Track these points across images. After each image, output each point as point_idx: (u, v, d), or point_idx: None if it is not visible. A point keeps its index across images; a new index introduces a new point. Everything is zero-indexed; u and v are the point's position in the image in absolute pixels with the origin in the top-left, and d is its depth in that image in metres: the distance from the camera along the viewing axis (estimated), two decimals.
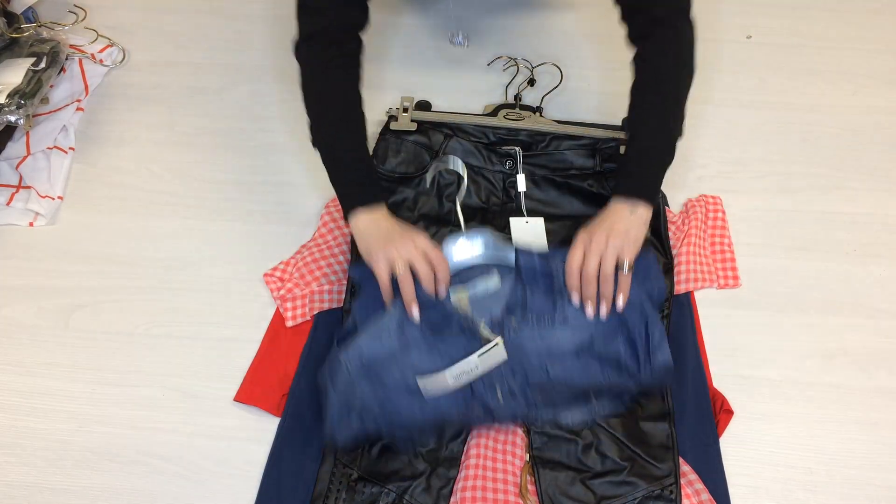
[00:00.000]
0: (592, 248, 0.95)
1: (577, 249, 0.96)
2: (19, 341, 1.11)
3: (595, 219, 0.99)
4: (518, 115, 1.24)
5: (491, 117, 1.25)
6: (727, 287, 1.15)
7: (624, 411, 0.99)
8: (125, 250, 1.20)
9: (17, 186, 1.25)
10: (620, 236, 0.95)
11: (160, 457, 1.02)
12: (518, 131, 1.22)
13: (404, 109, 1.24)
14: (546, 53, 1.41)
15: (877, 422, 1.04)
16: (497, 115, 1.25)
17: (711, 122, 1.34)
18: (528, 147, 1.21)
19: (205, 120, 1.35)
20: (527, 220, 1.17)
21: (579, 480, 0.96)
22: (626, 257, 0.94)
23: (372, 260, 0.96)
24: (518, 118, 1.23)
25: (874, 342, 1.11)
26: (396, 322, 0.96)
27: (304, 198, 1.24)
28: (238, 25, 1.48)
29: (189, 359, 1.09)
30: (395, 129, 1.23)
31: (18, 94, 1.23)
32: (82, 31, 1.43)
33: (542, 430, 1.00)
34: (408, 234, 0.97)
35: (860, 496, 0.99)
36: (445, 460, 0.98)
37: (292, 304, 1.10)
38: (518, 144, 1.21)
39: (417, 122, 1.23)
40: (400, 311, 0.96)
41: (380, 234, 0.96)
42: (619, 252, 0.94)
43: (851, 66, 1.41)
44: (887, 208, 1.24)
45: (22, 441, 1.03)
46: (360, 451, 0.99)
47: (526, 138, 1.22)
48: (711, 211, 1.20)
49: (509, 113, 1.24)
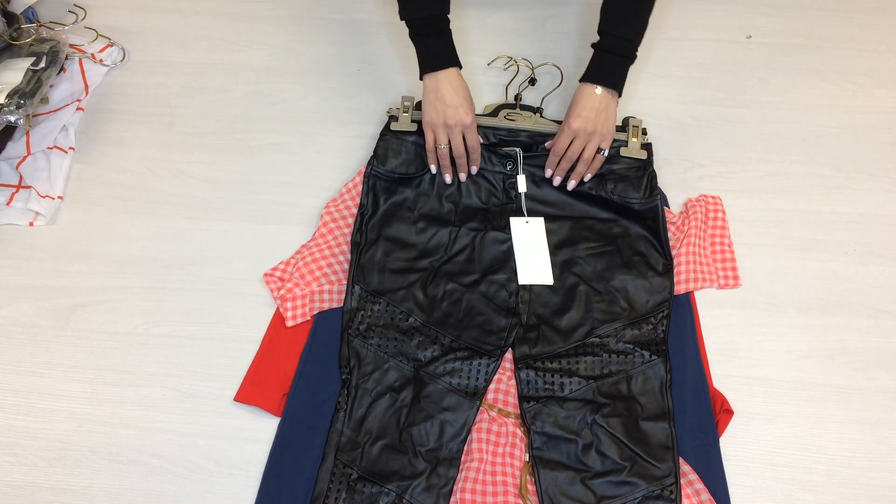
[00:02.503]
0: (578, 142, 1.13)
1: (564, 138, 1.14)
2: (19, 341, 1.11)
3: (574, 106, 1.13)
4: (518, 115, 1.24)
5: (491, 117, 1.25)
6: (727, 287, 1.15)
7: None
8: (125, 250, 1.20)
9: (17, 186, 1.25)
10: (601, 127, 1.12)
11: (160, 457, 1.02)
12: (518, 132, 1.22)
13: (405, 110, 1.24)
14: (546, 54, 1.41)
15: (877, 422, 1.04)
16: (497, 116, 1.25)
17: (711, 122, 1.34)
18: (529, 148, 1.21)
19: (205, 120, 1.35)
20: (527, 220, 1.17)
21: (579, 480, 0.96)
22: (605, 146, 1.16)
23: (424, 125, 1.16)
24: (518, 119, 1.24)
25: (874, 342, 1.11)
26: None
27: (304, 198, 1.24)
28: (238, 25, 1.48)
29: (189, 359, 1.09)
30: (396, 129, 1.22)
31: (18, 94, 1.23)
32: (82, 30, 1.43)
33: (542, 431, 1.00)
34: (459, 113, 1.12)
35: (860, 496, 0.99)
36: (445, 460, 0.98)
37: (292, 303, 1.10)
38: (518, 145, 1.21)
39: (418, 123, 1.23)
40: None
41: (437, 101, 1.13)
42: (600, 142, 1.14)
43: (851, 66, 1.41)
44: (887, 208, 1.24)
45: (22, 441, 1.03)
46: (360, 450, 0.99)
47: (526, 139, 1.22)
48: (711, 211, 1.20)
49: (510, 113, 1.24)
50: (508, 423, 1.02)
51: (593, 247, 1.15)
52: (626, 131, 1.22)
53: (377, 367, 1.05)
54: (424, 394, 1.03)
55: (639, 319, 1.09)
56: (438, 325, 1.09)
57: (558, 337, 1.08)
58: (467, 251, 1.15)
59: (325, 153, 1.30)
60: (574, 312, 1.10)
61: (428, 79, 1.14)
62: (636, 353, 1.06)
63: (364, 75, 1.40)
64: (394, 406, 1.03)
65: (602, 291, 1.11)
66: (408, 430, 1.01)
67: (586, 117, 1.11)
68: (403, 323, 1.09)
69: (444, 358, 1.06)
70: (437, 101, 1.13)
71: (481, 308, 1.10)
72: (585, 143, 1.14)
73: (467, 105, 1.13)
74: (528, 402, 1.03)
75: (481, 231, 1.16)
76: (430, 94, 1.14)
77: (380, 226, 1.16)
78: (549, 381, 1.04)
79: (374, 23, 1.47)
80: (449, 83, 1.12)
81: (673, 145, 1.30)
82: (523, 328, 1.09)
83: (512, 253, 1.14)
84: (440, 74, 1.12)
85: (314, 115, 1.35)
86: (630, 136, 1.21)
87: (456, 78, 1.13)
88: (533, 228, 1.16)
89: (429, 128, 1.15)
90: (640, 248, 1.15)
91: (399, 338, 1.07)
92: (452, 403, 1.02)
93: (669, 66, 1.41)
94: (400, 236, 1.15)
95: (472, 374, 1.05)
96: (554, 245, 1.15)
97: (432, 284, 1.12)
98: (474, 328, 1.08)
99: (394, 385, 1.04)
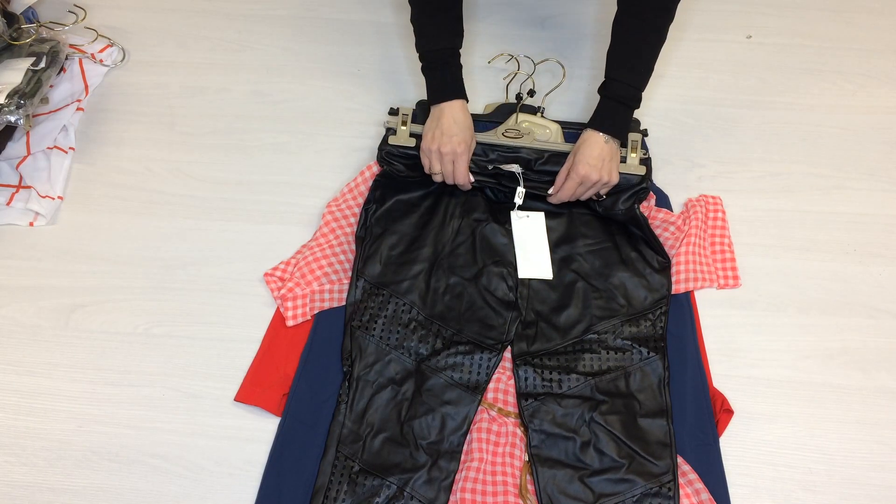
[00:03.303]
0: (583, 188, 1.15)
1: (571, 185, 1.14)
2: (19, 341, 1.11)
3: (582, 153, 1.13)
4: (517, 132, 1.22)
5: (491, 136, 1.21)
6: (727, 287, 1.15)
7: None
8: (125, 250, 1.20)
9: (17, 186, 1.25)
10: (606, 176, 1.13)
11: (160, 457, 1.02)
12: (519, 149, 1.20)
13: (402, 122, 1.21)
14: (546, 54, 1.41)
15: (877, 422, 1.04)
16: (496, 133, 1.22)
17: (711, 122, 1.34)
18: (527, 164, 1.19)
19: (205, 120, 1.35)
20: (527, 215, 1.17)
21: (577, 478, 0.97)
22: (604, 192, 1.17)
23: (421, 151, 1.18)
24: (517, 136, 1.21)
25: (874, 342, 1.11)
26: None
27: (304, 198, 1.24)
28: (238, 25, 1.48)
29: (189, 359, 1.09)
30: (394, 143, 1.20)
31: (18, 94, 1.23)
32: (82, 30, 1.43)
33: (541, 428, 1.00)
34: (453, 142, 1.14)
35: (860, 496, 0.99)
36: (446, 453, 0.99)
37: (293, 303, 1.10)
38: (519, 162, 1.19)
39: (416, 137, 1.20)
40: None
41: (436, 129, 1.15)
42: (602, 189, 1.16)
43: (851, 66, 1.41)
44: (887, 208, 1.24)
45: (22, 441, 1.03)
46: (361, 443, 0.99)
47: (526, 155, 1.20)
48: (711, 211, 1.20)
49: (508, 130, 1.22)
50: (508, 422, 1.02)
51: (591, 244, 1.15)
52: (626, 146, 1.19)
53: (379, 358, 1.05)
54: (426, 387, 1.03)
55: (637, 316, 1.09)
56: (440, 318, 1.09)
57: (556, 334, 1.08)
58: (468, 242, 1.15)
59: (325, 153, 1.30)
60: (572, 309, 1.10)
61: (434, 109, 1.17)
62: (634, 350, 1.06)
63: (364, 75, 1.40)
64: (395, 399, 1.03)
65: (600, 288, 1.11)
66: (409, 424, 1.01)
67: (594, 165, 1.13)
68: (405, 315, 1.09)
69: (445, 352, 1.06)
70: (436, 129, 1.15)
71: (482, 303, 1.10)
72: (589, 189, 1.15)
73: (462, 136, 1.15)
74: (527, 399, 1.03)
75: (482, 222, 1.16)
76: (432, 122, 1.16)
77: (385, 220, 1.16)
78: (547, 378, 1.04)
79: (375, 23, 1.47)
80: (451, 114, 1.15)
81: (673, 145, 1.30)
82: (522, 324, 1.09)
83: (512, 245, 1.15)
84: (444, 106, 1.15)
85: (314, 115, 1.35)
86: (629, 152, 1.18)
87: (459, 110, 1.15)
88: (533, 223, 1.17)
89: (424, 154, 1.17)
90: (638, 245, 1.15)
91: (401, 331, 1.08)
92: (454, 397, 1.03)
93: (669, 66, 1.41)
94: (404, 230, 1.16)
95: (474, 368, 1.05)
96: (553, 242, 1.16)
97: (434, 277, 1.12)
98: (476, 322, 1.09)
99: (395, 378, 1.04)
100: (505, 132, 1.22)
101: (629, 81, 1.14)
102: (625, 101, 1.14)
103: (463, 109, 1.16)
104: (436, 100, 1.16)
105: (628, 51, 1.14)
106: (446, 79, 1.17)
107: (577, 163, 1.13)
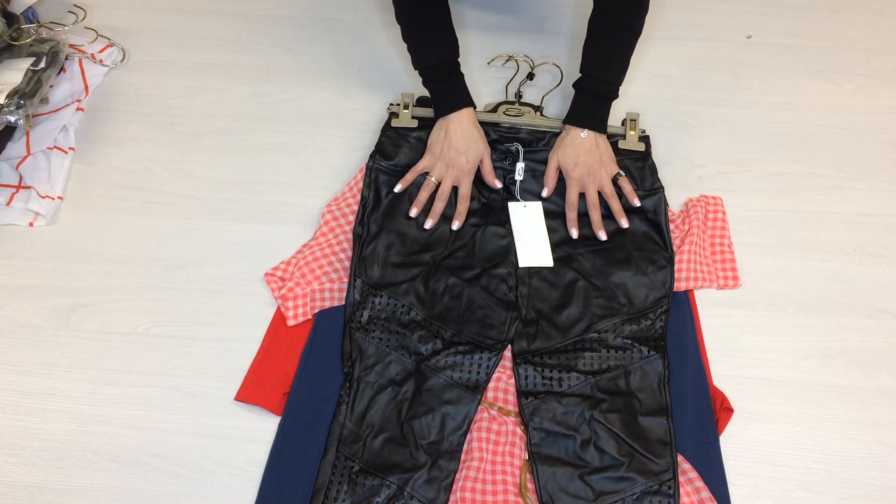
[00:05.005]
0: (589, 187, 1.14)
1: (573, 192, 1.15)
2: (19, 341, 1.11)
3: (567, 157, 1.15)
4: (518, 111, 1.25)
5: (491, 113, 1.25)
6: (727, 287, 1.15)
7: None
8: (125, 250, 1.20)
9: (17, 186, 1.25)
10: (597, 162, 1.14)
11: (160, 457, 1.02)
12: (518, 129, 1.23)
13: (405, 106, 1.24)
14: (546, 54, 1.41)
15: (877, 422, 1.04)
16: (497, 112, 1.25)
17: (711, 122, 1.34)
18: (529, 144, 1.22)
19: (205, 120, 1.35)
20: (525, 205, 1.17)
21: (577, 476, 0.97)
22: (614, 170, 1.16)
23: (427, 151, 1.18)
24: (518, 114, 1.24)
25: (874, 342, 1.11)
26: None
27: (304, 198, 1.24)
28: (238, 25, 1.48)
29: (189, 359, 1.09)
30: (397, 125, 1.23)
31: (18, 94, 1.23)
32: (82, 31, 1.43)
33: (541, 426, 1.00)
34: (461, 161, 1.15)
35: (860, 496, 0.99)
36: (446, 452, 0.99)
37: (293, 302, 1.10)
38: (519, 142, 1.21)
39: (419, 119, 1.23)
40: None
41: (445, 140, 1.16)
42: (607, 173, 1.15)
43: (851, 66, 1.41)
44: (887, 208, 1.24)
45: (22, 441, 1.03)
46: (361, 443, 0.99)
47: (526, 136, 1.23)
48: (711, 211, 1.20)
49: (509, 109, 1.25)
50: (508, 421, 1.02)
51: (593, 243, 1.15)
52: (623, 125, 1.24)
53: (379, 360, 1.05)
54: (426, 387, 1.03)
55: (637, 315, 1.09)
56: (439, 319, 1.09)
57: (557, 332, 1.08)
58: (468, 246, 1.15)
59: (325, 153, 1.30)
60: (573, 308, 1.10)
61: (441, 121, 1.18)
62: (634, 349, 1.06)
63: (364, 75, 1.40)
64: (395, 399, 1.03)
65: (601, 287, 1.11)
66: (409, 423, 1.01)
67: (583, 163, 1.14)
68: (405, 317, 1.09)
69: (445, 352, 1.06)
70: (445, 139, 1.16)
71: (482, 302, 1.10)
72: (595, 184, 1.15)
73: (473, 150, 1.15)
74: (527, 397, 1.03)
75: (481, 226, 1.16)
76: (441, 131, 1.17)
77: (382, 219, 1.16)
78: (547, 377, 1.04)
79: (375, 23, 1.48)
80: (460, 124, 1.16)
81: (673, 145, 1.30)
82: (522, 323, 1.09)
83: (512, 247, 1.15)
84: (452, 116, 1.16)
85: (314, 115, 1.35)
86: (628, 129, 1.23)
87: (467, 119, 1.16)
88: (531, 212, 1.17)
89: (429, 155, 1.17)
90: (641, 243, 1.15)
91: (400, 331, 1.08)
92: (453, 397, 1.03)
93: (669, 66, 1.41)
94: (401, 230, 1.16)
95: (474, 368, 1.05)
96: (554, 243, 1.15)
97: (433, 279, 1.12)
98: (475, 322, 1.09)
99: (395, 378, 1.04)
100: (506, 111, 1.25)
101: (604, 77, 1.15)
102: (600, 94, 1.15)
103: (472, 118, 1.17)
104: (442, 112, 1.17)
105: (602, 47, 1.15)
106: (451, 88, 1.17)
107: (565, 168, 1.15)
